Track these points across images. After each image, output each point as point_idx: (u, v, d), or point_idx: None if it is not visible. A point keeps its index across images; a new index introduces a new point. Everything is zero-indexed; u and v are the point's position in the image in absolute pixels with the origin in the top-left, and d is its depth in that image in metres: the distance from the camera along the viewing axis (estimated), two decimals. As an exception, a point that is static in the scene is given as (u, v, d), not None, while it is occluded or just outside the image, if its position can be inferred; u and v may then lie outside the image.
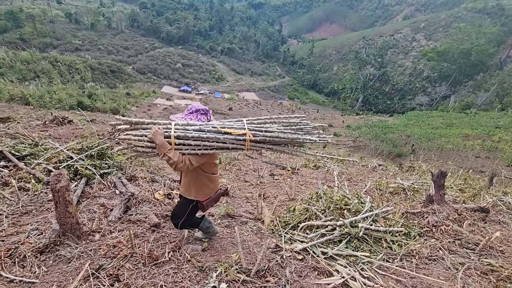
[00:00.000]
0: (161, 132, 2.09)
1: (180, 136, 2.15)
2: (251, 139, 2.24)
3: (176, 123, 2.23)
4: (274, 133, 2.32)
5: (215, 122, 2.35)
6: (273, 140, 2.34)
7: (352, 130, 27.15)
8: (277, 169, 6.63)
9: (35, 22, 57.86)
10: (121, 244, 2.50)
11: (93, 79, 44.16)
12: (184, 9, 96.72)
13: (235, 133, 2.21)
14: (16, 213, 2.95)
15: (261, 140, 2.29)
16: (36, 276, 2.02)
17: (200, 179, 2.42)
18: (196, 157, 2.21)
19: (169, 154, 2.07)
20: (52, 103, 21.99)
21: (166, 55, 66.36)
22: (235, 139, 2.23)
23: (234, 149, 2.31)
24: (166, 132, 2.14)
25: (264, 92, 67.10)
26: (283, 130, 2.38)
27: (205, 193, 2.47)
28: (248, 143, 2.26)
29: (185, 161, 2.13)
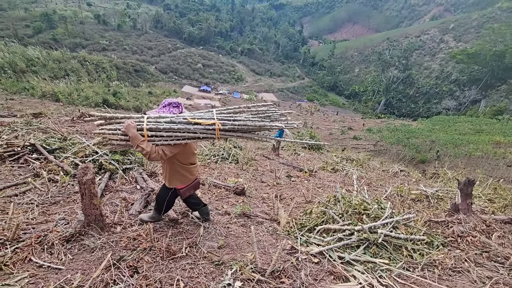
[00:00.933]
0: (133, 125, 2.23)
1: (152, 129, 2.29)
2: (220, 128, 2.37)
3: (149, 116, 2.37)
4: (242, 122, 2.44)
5: (186, 114, 2.46)
6: (242, 128, 2.45)
7: (372, 134, 26.41)
8: (294, 171, 6.57)
9: (67, 23, 61.15)
10: (140, 237, 2.58)
11: (118, 78, 45.95)
12: (206, 10, 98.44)
13: (204, 123, 2.34)
14: (46, 203, 3.12)
15: (230, 128, 2.42)
16: (62, 263, 2.13)
17: (176, 169, 2.57)
18: (169, 148, 2.34)
19: (142, 145, 2.21)
20: (79, 100, 23.13)
21: (188, 55, 67.79)
22: (205, 129, 2.36)
23: (205, 138, 2.44)
24: (139, 125, 2.28)
25: (283, 93, 66.80)
26: (250, 118, 2.49)
27: (182, 182, 2.62)
28: (217, 132, 2.39)
29: (158, 151, 2.27)
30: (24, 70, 35.20)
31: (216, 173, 5.35)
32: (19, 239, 2.33)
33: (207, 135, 2.41)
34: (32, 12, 64.82)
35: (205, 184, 4.43)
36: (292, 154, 9.51)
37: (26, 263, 2.09)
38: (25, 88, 24.21)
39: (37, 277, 1.96)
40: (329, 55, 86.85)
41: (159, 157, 2.30)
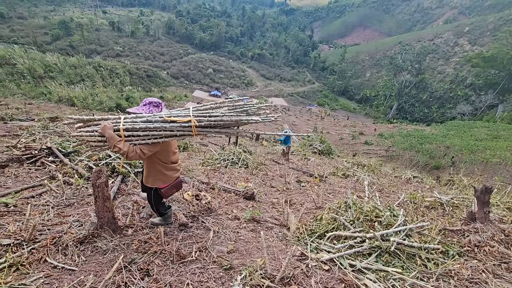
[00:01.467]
0: (109, 126, 2.27)
1: (129, 129, 2.32)
2: (196, 125, 2.39)
3: (125, 116, 2.41)
4: (218, 117, 2.45)
5: (163, 112, 2.47)
6: (218, 123, 2.46)
7: (384, 139, 25.94)
8: (304, 176, 6.52)
9: (83, 31, 63.33)
10: (151, 240, 2.61)
11: (131, 83, 47.07)
12: (217, 16, 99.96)
13: (180, 121, 2.36)
14: (61, 205, 3.21)
15: (207, 124, 2.44)
16: (76, 265, 2.18)
17: (156, 168, 2.57)
18: (147, 147, 2.36)
19: (119, 145, 2.25)
20: (94, 104, 23.80)
21: (199, 60, 68.86)
22: (181, 126, 2.38)
23: (182, 135, 2.46)
24: (116, 125, 2.31)
25: (293, 98, 66.74)
26: (227, 113, 2.50)
27: (163, 181, 2.62)
28: (194, 129, 2.41)
29: (135, 151, 2.30)
30: (42, 76, 36.54)
31: (226, 178, 5.37)
32: (35, 240, 2.40)
33: (184, 132, 2.43)
34: (51, 20, 67.49)
35: (214, 189, 4.45)
36: (302, 159, 9.45)
37: (42, 264, 2.15)
38: (42, 93, 25.11)
39: (52, 278, 2.01)
40: (340, 60, 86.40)
41: (137, 156, 2.32)
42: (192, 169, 5.57)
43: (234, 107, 2.60)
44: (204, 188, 4.44)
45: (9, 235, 2.38)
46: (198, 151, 8.00)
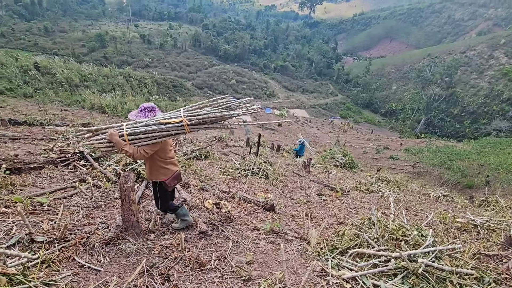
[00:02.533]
0: (115, 133, 2.60)
1: (131, 133, 2.67)
2: (187, 124, 2.72)
3: (127, 123, 2.76)
4: (206, 115, 2.77)
5: (158, 116, 2.83)
6: (206, 120, 2.77)
7: (411, 154, 24.81)
8: (326, 189, 6.37)
9: (116, 43, 67.58)
10: (172, 246, 2.66)
11: (157, 92, 49.07)
12: (242, 29, 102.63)
13: (174, 122, 2.71)
14: (90, 207, 3.37)
15: (197, 122, 2.76)
16: (101, 265, 2.26)
17: (157, 164, 2.89)
18: (149, 147, 2.71)
19: (125, 149, 2.59)
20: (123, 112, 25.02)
21: (222, 72, 70.63)
22: (175, 127, 2.72)
23: (177, 134, 2.80)
24: (120, 132, 2.65)
25: (315, 110, 66.16)
26: (212, 111, 2.81)
27: (164, 174, 2.92)
28: (186, 127, 2.74)
29: (140, 152, 2.64)
30: (78, 85, 39.19)
31: (246, 187, 5.38)
32: (65, 239, 2.53)
33: (178, 131, 2.76)
34: (88, 33, 72.80)
35: (234, 198, 4.47)
36: (323, 171, 9.26)
37: (70, 262, 2.25)
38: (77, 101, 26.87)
39: (79, 276, 2.10)
40: (364, 72, 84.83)
41: (142, 156, 2.67)
42: (213, 178, 5.65)
43: (218, 104, 2.91)
44: (225, 197, 4.47)
45: (43, 232, 2.52)
46: (219, 160, 8.11)
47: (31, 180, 3.93)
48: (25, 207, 3.01)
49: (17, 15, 75.84)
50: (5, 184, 3.56)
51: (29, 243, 2.38)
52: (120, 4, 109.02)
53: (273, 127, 38.70)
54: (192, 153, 7.83)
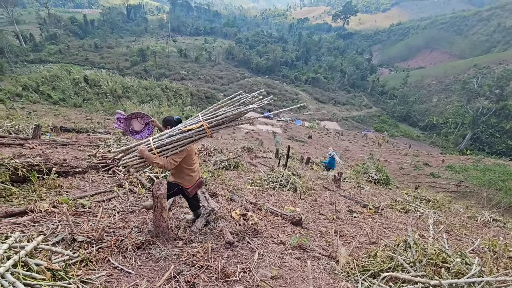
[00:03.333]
0: (144, 149, 2.76)
1: (158, 146, 2.82)
2: (208, 127, 2.84)
3: (153, 137, 2.91)
4: (223, 115, 2.85)
5: (180, 125, 2.94)
6: (225, 120, 2.86)
7: (455, 172, 22.84)
8: (357, 206, 6.09)
9: (156, 57, 72.52)
10: (199, 254, 2.70)
11: (191, 103, 51.40)
12: (274, 42, 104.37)
13: (195, 127, 2.82)
14: (125, 211, 3.57)
15: (216, 124, 2.86)
16: (132, 268, 2.36)
17: (183, 172, 3.07)
18: (177, 155, 2.87)
19: (156, 161, 2.74)
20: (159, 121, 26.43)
21: (254, 83, 72.04)
22: (197, 132, 2.83)
23: (200, 138, 2.90)
24: (149, 146, 2.82)
25: (347, 122, 64.33)
26: (228, 110, 2.88)
27: (188, 181, 3.10)
28: (208, 130, 2.85)
29: (170, 162, 2.82)
30: (120, 96, 42.48)
31: (273, 200, 5.33)
32: (102, 240, 2.70)
33: (201, 135, 2.88)
34: (132, 48, 79.14)
35: (261, 210, 4.45)
36: (355, 187, 8.87)
37: (105, 263, 2.39)
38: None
39: (112, 277, 2.21)
40: (402, 84, 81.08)
41: (172, 165, 2.85)
42: (241, 188, 5.69)
43: (233, 103, 2.96)
44: (252, 208, 4.47)
45: (83, 233, 2.72)
46: (247, 171, 8.17)
47: (75, 183, 4.28)
48: (70, 208, 3.27)
49: (72, 34, 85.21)
50: (54, 186, 3.92)
51: (71, 242, 2.57)
52: (161, 21, 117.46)
53: (303, 139, 38.24)
54: (221, 163, 8.00)
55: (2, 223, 2.65)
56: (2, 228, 2.50)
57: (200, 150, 8.94)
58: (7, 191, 3.44)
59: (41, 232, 2.61)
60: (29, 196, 3.49)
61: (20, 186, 3.73)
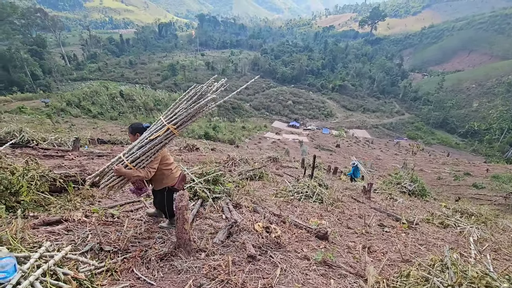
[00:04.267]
0: (120, 167, 2.80)
1: (133, 160, 2.86)
2: (174, 128, 2.90)
3: (123, 153, 2.93)
4: (184, 112, 2.91)
5: (145, 134, 2.94)
6: (187, 116, 2.91)
7: (502, 183, 20.76)
8: (389, 220, 5.72)
9: (185, 71, 76.02)
10: (220, 268, 2.67)
11: (218, 114, 52.77)
12: (299, 51, 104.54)
13: (162, 133, 2.88)
14: (151, 221, 3.66)
15: (182, 122, 2.92)
16: (155, 279, 2.39)
17: (164, 174, 3.14)
18: (153, 163, 2.95)
19: (137, 174, 2.84)
20: (187, 132, 27.38)
21: (279, 93, 72.35)
22: (165, 136, 2.89)
23: (170, 140, 2.96)
24: (123, 163, 2.85)
25: (378, 130, 61.82)
26: (186, 106, 2.92)
27: (172, 179, 3.19)
28: (175, 131, 2.92)
29: (149, 171, 2.91)
30: (152, 108, 44.83)
31: (298, 212, 5.19)
32: (127, 250, 2.77)
33: (170, 137, 2.94)
34: (163, 64, 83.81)
35: (285, 222, 4.34)
36: (387, 198, 8.38)
37: (129, 273, 2.44)
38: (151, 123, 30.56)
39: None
40: (437, 88, 76.57)
41: (152, 173, 2.95)
42: (265, 199, 5.62)
43: (190, 97, 2.97)
44: (275, 220, 4.37)
45: (110, 243, 2.82)
46: (272, 181, 8.09)
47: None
48: (100, 217, 3.43)
49: (110, 52, 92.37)
50: (88, 196, 4.15)
51: (99, 251, 2.67)
52: (190, 37, 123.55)
53: (331, 148, 37.32)
54: (246, 173, 8.00)
55: (39, 231, 2.84)
56: (39, 236, 2.68)
57: (226, 160, 9.04)
58: (46, 201, 3.70)
59: (72, 241, 2.75)
60: (65, 206, 3.72)
61: (58, 195, 4.00)
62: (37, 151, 6.92)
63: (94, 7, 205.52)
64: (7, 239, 2.11)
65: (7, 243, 2.04)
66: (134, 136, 3.11)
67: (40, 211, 3.53)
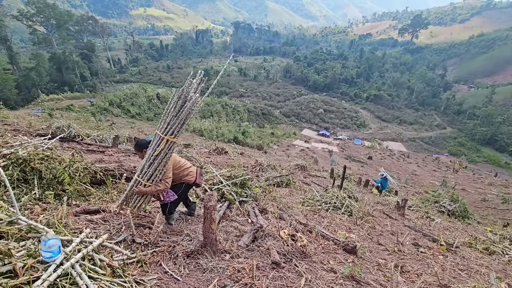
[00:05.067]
0: (140, 188, 3.02)
1: (148, 178, 3.03)
2: (173, 137, 2.98)
3: (138, 174, 3.08)
4: (178, 119, 2.97)
5: (149, 151, 3.05)
6: (182, 121, 2.98)
7: (560, 210, 18.36)
8: (425, 240, 5.31)
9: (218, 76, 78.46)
10: (244, 271, 2.66)
11: (248, 119, 53.43)
12: (333, 59, 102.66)
13: (163, 146, 2.96)
14: (180, 218, 3.77)
15: (178, 130, 3.00)
16: (181, 275, 2.45)
17: (180, 174, 3.31)
18: (166, 174, 3.09)
19: (158, 188, 3.03)
20: (217, 135, 28.06)
21: (310, 101, 71.41)
22: (168, 147, 2.99)
23: (173, 149, 3.07)
24: (141, 183, 3.05)
25: (415, 144, 58.32)
26: (178, 111, 2.96)
27: (191, 175, 3.38)
28: (174, 140, 3.01)
29: (166, 181, 3.08)
30: (186, 111, 46.75)
31: (325, 222, 5.03)
32: (157, 244, 2.88)
33: (171, 146, 3.03)
34: (197, 68, 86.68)
35: (312, 232, 4.22)
36: (423, 217, 7.82)
37: (157, 266, 2.53)
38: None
39: (162, 281, 2.32)
40: (485, 102, 70.51)
41: (169, 183, 3.11)
42: (292, 207, 5.53)
43: (175, 103, 3.00)
44: (301, 229, 4.27)
45: (142, 235, 2.95)
46: (299, 189, 7.95)
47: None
48: (133, 211, 3.61)
49: (150, 57, 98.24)
50: (124, 189, 4.40)
51: (131, 242, 2.81)
52: (225, 43, 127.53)
53: (362, 159, 35.87)
54: (273, 179, 7.96)
55: (80, 219, 3.06)
56: (79, 223, 2.88)
57: (253, 165, 9.08)
58: (87, 191, 3.99)
59: (108, 231, 2.92)
60: (103, 197, 3.98)
61: (97, 187, 4.29)
62: (81, 145, 7.52)
63: (139, 14, 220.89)
64: (54, 223, 2.29)
65: (53, 226, 2.22)
66: (142, 152, 3.25)
67: (82, 200, 3.80)
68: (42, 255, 1.69)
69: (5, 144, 4.03)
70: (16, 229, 1.98)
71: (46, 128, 8.45)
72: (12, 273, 1.58)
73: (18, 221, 2.07)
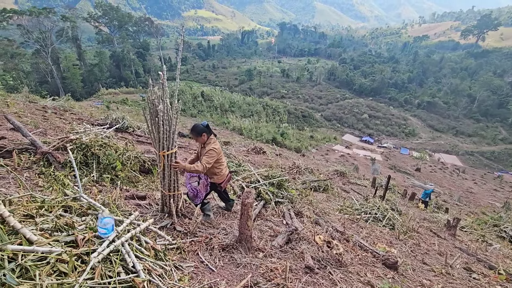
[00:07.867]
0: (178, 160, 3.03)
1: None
2: (165, 151, 2.93)
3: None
4: (169, 133, 2.91)
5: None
6: (172, 134, 2.95)
7: None
8: (479, 266, 4.75)
9: (260, 76, 79.09)
10: (277, 271, 2.65)
11: (288, 121, 53.00)
12: (382, 62, 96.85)
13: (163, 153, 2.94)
14: (218, 213, 3.90)
15: (167, 144, 2.91)
16: (215, 267, 2.53)
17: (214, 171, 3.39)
18: (208, 158, 3.14)
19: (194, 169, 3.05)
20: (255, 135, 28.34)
21: (354, 105, 68.23)
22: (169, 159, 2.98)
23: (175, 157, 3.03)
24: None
25: (473, 158, 52.36)
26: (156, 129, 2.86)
27: (221, 177, 3.46)
28: (174, 149, 3.00)
29: (204, 164, 3.09)
30: (227, 110, 47.98)
31: (364, 233, 4.78)
32: (195, 234, 3.01)
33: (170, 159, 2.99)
34: (241, 68, 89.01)
35: (349, 241, 4.04)
36: (478, 240, 6.99)
37: (194, 255, 2.65)
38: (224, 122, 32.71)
39: (198, 270, 2.42)
40: None
41: (207, 168, 3.12)
42: (328, 213, 5.36)
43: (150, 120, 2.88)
44: (338, 237, 4.12)
45: (182, 224, 3.11)
46: (337, 196, 7.67)
47: (182, 181, 5.00)
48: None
49: (197, 56, 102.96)
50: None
51: (172, 230, 2.98)
52: (269, 44, 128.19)
53: (409, 170, 33.34)
54: (311, 183, 7.80)
55: (129, 203, 3.34)
56: (129, 206, 3.15)
57: (291, 167, 9.00)
58: (136, 178, 4.33)
59: (153, 216, 3.14)
60: (149, 185, 4.29)
61: (145, 176, 4.63)
62: (132, 136, 8.19)
63: (190, 16, 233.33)
64: (108, 203, 2.54)
65: (108, 206, 2.46)
66: (202, 136, 3.22)
67: (131, 186, 4.14)
68: (98, 231, 1.89)
69: (72, 130, 4.56)
70: (78, 205, 2.24)
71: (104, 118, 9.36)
72: (74, 244, 1.78)
73: (81, 198, 2.33)
